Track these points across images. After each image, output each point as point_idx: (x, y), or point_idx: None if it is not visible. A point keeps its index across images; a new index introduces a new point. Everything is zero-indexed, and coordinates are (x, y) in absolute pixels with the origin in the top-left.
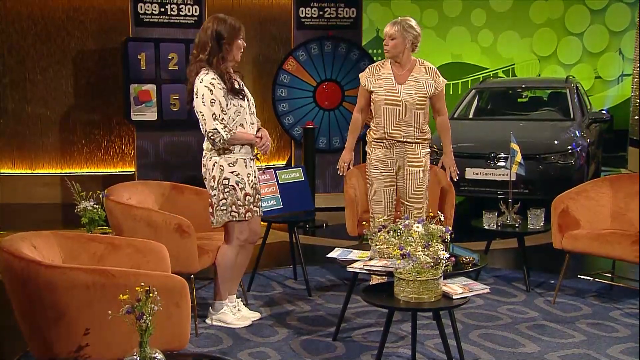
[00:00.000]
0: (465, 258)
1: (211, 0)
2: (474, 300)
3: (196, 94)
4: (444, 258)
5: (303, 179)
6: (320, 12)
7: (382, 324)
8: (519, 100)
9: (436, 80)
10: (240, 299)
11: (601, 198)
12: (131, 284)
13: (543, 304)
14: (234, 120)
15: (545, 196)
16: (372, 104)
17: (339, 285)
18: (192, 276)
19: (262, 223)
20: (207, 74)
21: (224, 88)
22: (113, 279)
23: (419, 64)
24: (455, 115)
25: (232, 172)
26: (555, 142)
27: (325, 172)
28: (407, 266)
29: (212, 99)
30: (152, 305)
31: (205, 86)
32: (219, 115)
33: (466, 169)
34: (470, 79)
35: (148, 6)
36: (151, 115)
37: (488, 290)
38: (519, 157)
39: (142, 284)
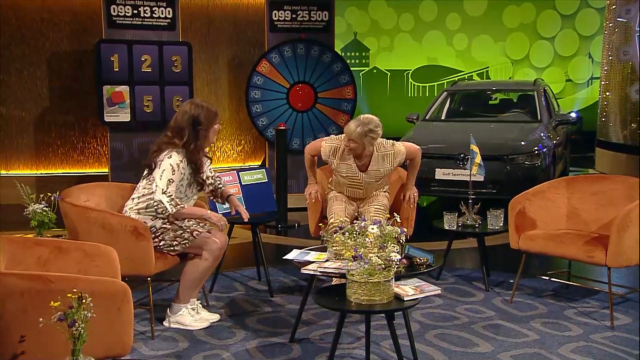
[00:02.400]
0: (419, 259)
1: (185, 3)
2: (433, 300)
3: (159, 165)
4: (396, 260)
5: (266, 181)
6: (293, 15)
7: (346, 324)
8: (489, 102)
9: (394, 162)
10: (199, 301)
11: (557, 199)
12: (69, 290)
13: (500, 303)
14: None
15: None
16: (334, 175)
17: (302, 286)
18: (148, 279)
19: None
20: (178, 154)
21: (185, 175)
22: (50, 284)
23: (377, 150)
24: (427, 117)
25: (152, 220)
26: (522, 143)
27: (299, 172)
28: (359, 268)
29: (171, 179)
30: (85, 312)
31: (170, 164)
32: (169, 191)
33: (436, 169)
34: (445, 81)
35: (121, 8)
36: (124, 116)
37: (439, 292)
38: (478, 159)
39: (75, 290)
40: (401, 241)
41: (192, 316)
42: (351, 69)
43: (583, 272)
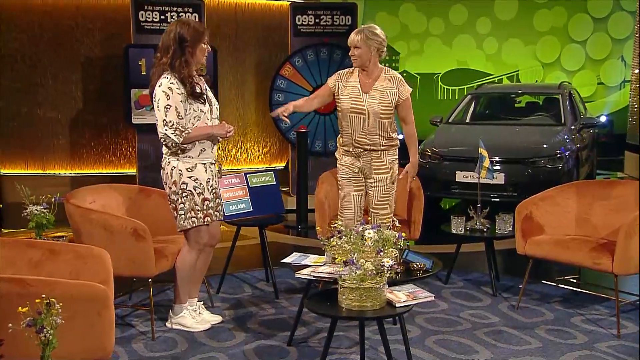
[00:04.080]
0: (416, 265)
1: (214, 8)
2: (438, 304)
3: (154, 98)
4: (387, 266)
5: (274, 183)
6: (317, 20)
7: (341, 329)
8: (515, 105)
9: (400, 90)
10: (201, 302)
11: (566, 204)
12: (48, 294)
13: (507, 309)
14: (194, 125)
15: None
16: (339, 112)
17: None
18: (149, 280)
19: (232, 226)
20: (167, 77)
21: (182, 93)
22: (29, 288)
23: (385, 73)
24: (450, 120)
25: (190, 177)
26: (544, 146)
27: (320, 174)
28: (351, 273)
29: (167, 105)
30: (55, 318)
31: (162, 91)
32: (170, 121)
33: (457, 172)
34: (475, 84)
35: (149, 14)
36: (151, 119)
37: (432, 298)
38: (486, 163)
39: (43, 296)
40: (399, 246)
41: (194, 317)
42: None
43: (594, 278)
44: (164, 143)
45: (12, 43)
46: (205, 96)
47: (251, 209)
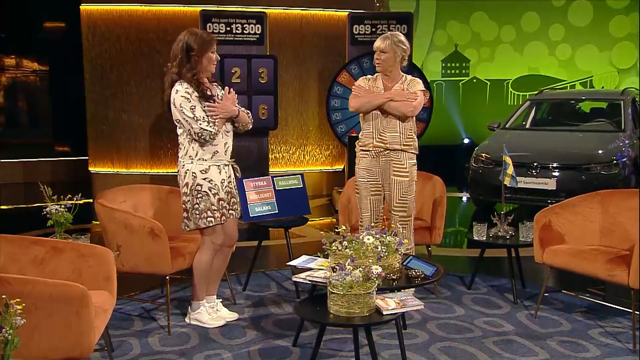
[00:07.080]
0: (415, 272)
1: (280, 19)
2: (454, 309)
3: (174, 104)
4: (376, 273)
5: (301, 186)
6: (373, 29)
7: (348, 331)
8: (577, 111)
9: (410, 85)
10: (220, 300)
11: (590, 213)
12: (27, 292)
13: (524, 317)
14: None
15: None
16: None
17: None
18: (167, 277)
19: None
20: (180, 84)
21: (197, 96)
22: (8, 286)
23: (405, 78)
24: (507, 125)
25: (204, 179)
26: (600, 152)
27: None
28: (340, 279)
29: (192, 105)
30: (17, 318)
31: (181, 96)
32: (201, 116)
33: None
34: (546, 90)
35: (216, 26)
36: None
37: (422, 307)
38: (510, 170)
39: (4, 296)
40: (400, 252)
41: (210, 314)
42: (451, 79)
43: (620, 290)
44: (202, 138)
45: (103, 54)
46: (214, 97)
47: (277, 211)
